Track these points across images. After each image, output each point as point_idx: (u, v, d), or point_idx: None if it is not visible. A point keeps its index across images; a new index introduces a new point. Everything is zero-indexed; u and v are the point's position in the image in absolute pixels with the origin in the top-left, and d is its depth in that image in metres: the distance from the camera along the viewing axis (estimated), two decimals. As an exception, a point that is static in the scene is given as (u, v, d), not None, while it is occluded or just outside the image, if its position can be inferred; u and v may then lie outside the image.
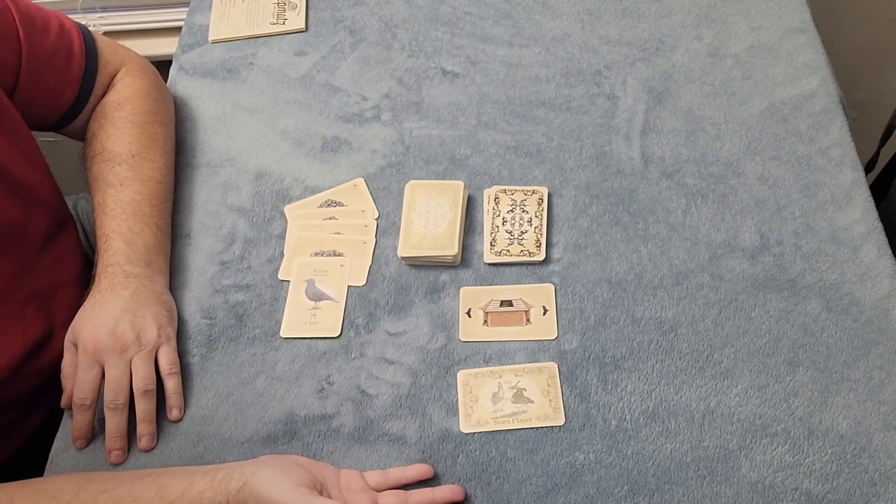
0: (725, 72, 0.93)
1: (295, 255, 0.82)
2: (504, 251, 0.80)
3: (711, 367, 0.73)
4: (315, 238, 0.83)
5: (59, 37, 0.81)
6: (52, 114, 0.82)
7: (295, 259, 0.82)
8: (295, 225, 0.84)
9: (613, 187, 0.85)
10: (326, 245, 0.82)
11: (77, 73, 0.82)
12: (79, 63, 0.82)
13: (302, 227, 0.84)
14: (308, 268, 0.81)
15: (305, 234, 0.83)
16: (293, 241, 0.83)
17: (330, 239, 0.83)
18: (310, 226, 0.84)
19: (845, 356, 0.73)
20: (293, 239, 0.83)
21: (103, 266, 0.76)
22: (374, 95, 0.94)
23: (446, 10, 1.02)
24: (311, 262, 0.81)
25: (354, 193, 0.86)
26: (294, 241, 0.83)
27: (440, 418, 0.72)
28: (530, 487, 0.68)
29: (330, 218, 0.84)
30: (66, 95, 0.82)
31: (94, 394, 0.71)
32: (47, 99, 0.81)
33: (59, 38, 0.80)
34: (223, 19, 1.03)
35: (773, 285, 0.77)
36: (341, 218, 0.84)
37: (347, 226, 0.84)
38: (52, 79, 0.80)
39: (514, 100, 0.93)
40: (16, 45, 0.76)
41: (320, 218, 0.85)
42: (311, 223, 0.84)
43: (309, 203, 0.86)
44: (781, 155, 0.86)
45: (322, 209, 0.85)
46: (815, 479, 0.67)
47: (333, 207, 0.85)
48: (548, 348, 0.75)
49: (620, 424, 0.71)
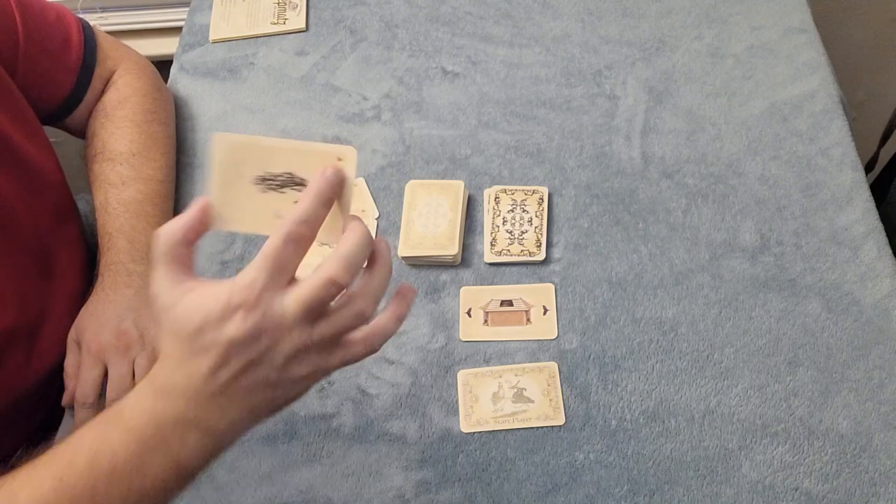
0: (726, 72, 0.93)
1: (295, 255, 0.82)
2: (504, 251, 0.80)
3: (711, 367, 0.73)
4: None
5: (57, 23, 0.81)
6: (50, 101, 0.82)
7: (295, 259, 0.81)
8: (295, 225, 0.84)
9: (614, 187, 0.85)
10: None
11: (75, 62, 0.82)
12: (77, 52, 0.82)
13: (302, 226, 0.84)
14: (308, 268, 0.81)
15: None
16: (293, 240, 0.83)
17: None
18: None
19: (845, 356, 0.73)
20: (293, 239, 0.83)
21: (106, 264, 0.76)
22: (374, 95, 0.94)
23: (447, 9, 1.02)
24: (311, 262, 0.81)
25: (354, 193, 0.86)
26: (294, 241, 0.83)
27: (440, 418, 0.72)
28: (530, 487, 0.68)
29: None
30: (63, 83, 0.82)
31: (96, 392, 0.71)
32: (45, 86, 0.80)
33: (56, 25, 0.81)
34: (224, 19, 1.03)
35: (774, 285, 0.77)
36: (342, 218, 0.84)
37: (348, 225, 0.84)
38: (48, 65, 0.80)
39: (514, 100, 0.93)
40: (13, 30, 0.76)
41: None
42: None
43: (309, 203, 0.86)
44: (782, 155, 0.86)
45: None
46: (815, 479, 0.67)
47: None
48: (548, 348, 0.75)
49: (620, 424, 0.71)
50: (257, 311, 0.44)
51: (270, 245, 0.45)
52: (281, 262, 0.45)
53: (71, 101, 0.83)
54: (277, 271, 0.45)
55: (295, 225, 0.45)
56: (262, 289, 0.44)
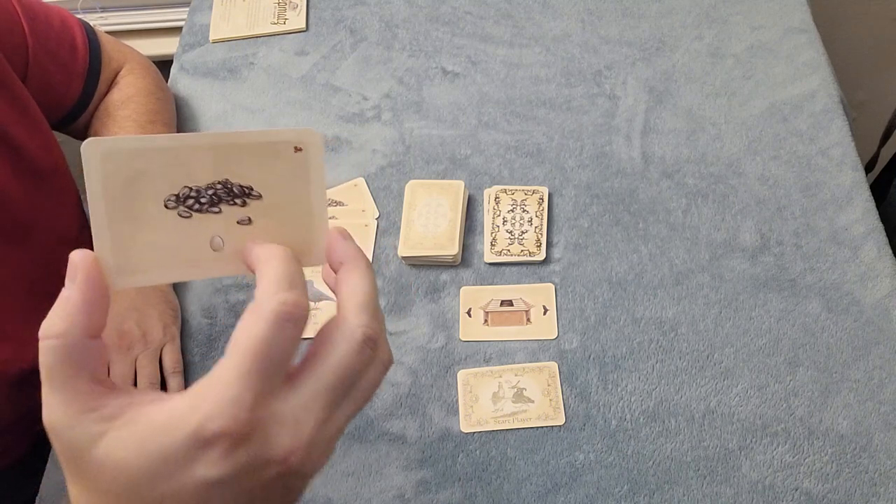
0: (726, 72, 0.93)
1: (295, 255, 0.82)
2: (504, 251, 0.80)
3: (711, 367, 0.73)
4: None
5: (62, 31, 0.80)
6: (58, 110, 0.82)
7: (295, 259, 0.81)
8: (295, 224, 0.84)
9: (614, 187, 0.85)
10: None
11: (82, 68, 0.82)
12: (83, 58, 0.82)
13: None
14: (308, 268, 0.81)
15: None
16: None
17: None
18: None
19: (845, 356, 0.73)
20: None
21: None
22: (374, 95, 0.94)
23: (447, 9, 1.02)
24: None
25: (355, 193, 0.86)
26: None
27: (440, 418, 0.72)
28: (530, 487, 0.68)
29: (330, 217, 0.84)
30: (71, 91, 0.82)
31: None
32: (54, 94, 0.81)
33: (62, 33, 0.80)
34: (224, 19, 1.03)
35: (774, 285, 0.77)
36: (341, 217, 0.84)
37: (347, 225, 0.84)
38: (58, 73, 0.80)
39: (514, 99, 0.93)
40: (22, 40, 0.76)
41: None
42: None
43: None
44: (782, 155, 0.86)
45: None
46: (815, 479, 0.67)
47: (334, 207, 0.85)
48: (548, 348, 0.75)
49: (620, 424, 0.71)
50: (252, 441, 0.30)
51: (252, 334, 0.30)
52: (275, 359, 0.31)
53: (78, 108, 0.84)
54: (271, 371, 0.31)
55: (281, 294, 0.32)
56: (254, 408, 0.30)
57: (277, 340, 0.31)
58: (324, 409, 0.32)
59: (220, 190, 0.34)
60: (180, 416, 0.30)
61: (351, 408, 0.34)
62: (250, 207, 0.35)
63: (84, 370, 0.31)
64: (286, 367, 0.32)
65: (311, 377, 0.32)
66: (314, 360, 0.33)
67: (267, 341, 0.30)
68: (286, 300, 0.31)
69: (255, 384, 0.30)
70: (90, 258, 0.32)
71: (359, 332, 0.33)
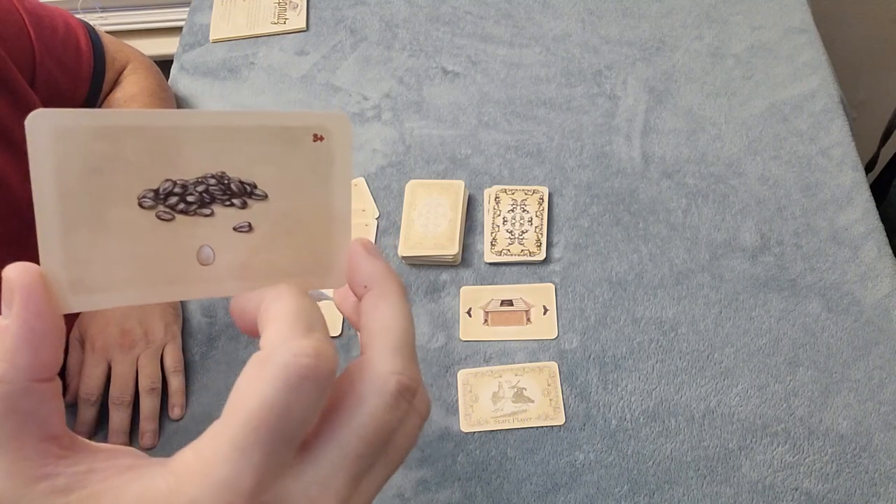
0: (726, 72, 0.93)
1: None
2: (504, 251, 0.80)
3: (712, 367, 0.73)
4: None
5: (67, 35, 0.81)
6: None
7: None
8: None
9: (614, 187, 0.85)
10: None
11: (87, 71, 0.82)
12: (87, 61, 0.82)
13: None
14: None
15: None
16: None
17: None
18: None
19: (845, 356, 0.73)
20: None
21: None
22: (374, 95, 0.94)
23: (447, 9, 1.02)
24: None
25: (355, 193, 0.86)
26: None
27: (440, 417, 0.72)
28: (530, 487, 0.68)
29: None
30: (77, 94, 0.82)
31: (100, 390, 0.71)
32: (61, 98, 0.81)
33: (66, 37, 0.80)
34: (224, 19, 1.03)
35: (774, 285, 0.77)
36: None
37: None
38: (64, 78, 0.80)
39: (514, 99, 0.93)
40: (28, 45, 0.76)
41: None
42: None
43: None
44: (782, 155, 0.86)
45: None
46: (815, 479, 0.67)
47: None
48: (548, 348, 0.75)
49: (620, 424, 0.71)
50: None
51: (258, 396, 0.23)
52: (288, 429, 0.23)
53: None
54: (282, 445, 0.23)
55: (296, 344, 0.24)
56: (255, 489, 0.23)
57: (291, 405, 0.23)
58: (348, 483, 0.25)
59: (214, 186, 0.26)
60: (151, 494, 0.23)
61: (382, 473, 0.27)
62: (251, 210, 0.27)
63: (30, 425, 0.24)
64: (302, 437, 0.24)
65: (332, 443, 0.25)
66: (335, 420, 0.25)
67: (277, 406, 0.23)
68: (304, 350, 0.24)
69: (259, 461, 0.23)
70: (32, 274, 0.24)
71: (392, 381, 0.26)
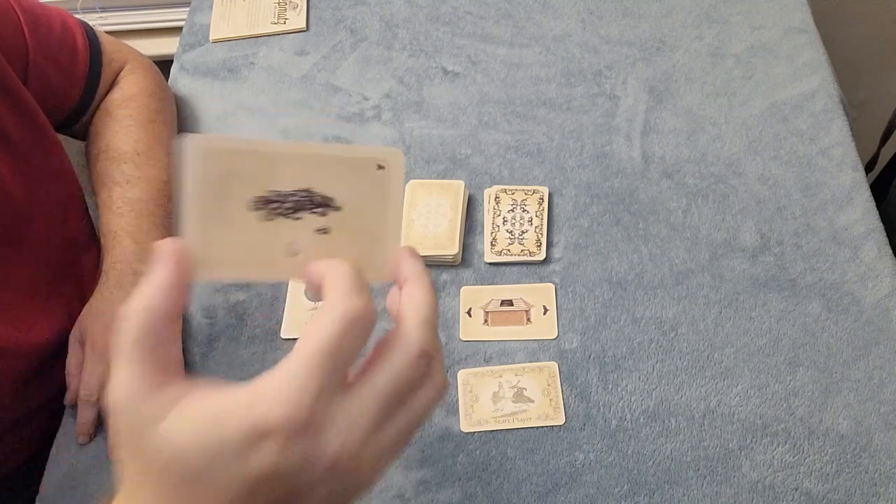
0: (726, 72, 0.93)
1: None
2: (504, 251, 0.80)
3: (712, 367, 0.73)
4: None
5: (63, 34, 0.80)
6: (59, 112, 0.82)
7: (295, 258, 0.81)
8: (295, 224, 0.84)
9: (614, 187, 0.85)
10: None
11: (82, 72, 0.82)
12: (84, 61, 0.82)
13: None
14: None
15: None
16: (294, 240, 0.83)
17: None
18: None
19: (846, 356, 0.73)
20: (294, 238, 0.83)
21: (111, 263, 0.76)
22: (374, 95, 0.94)
23: (447, 9, 1.02)
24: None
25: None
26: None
27: (440, 417, 0.72)
28: (530, 487, 0.68)
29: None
30: (72, 94, 0.82)
31: (100, 390, 0.71)
32: (54, 97, 0.81)
33: (62, 36, 0.80)
34: (224, 19, 1.03)
35: (774, 285, 0.77)
36: (342, 217, 0.85)
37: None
38: (58, 77, 0.80)
39: (514, 99, 0.93)
40: (22, 43, 0.76)
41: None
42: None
43: (309, 202, 0.86)
44: (782, 155, 0.86)
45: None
46: (815, 479, 0.67)
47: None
48: (548, 348, 0.75)
49: (620, 424, 0.71)
50: (308, 436, 0.30)
51: (322, 333, 0.31)
52: (341, 359, 0.32)
53: (78, 110, 0.84)
54: (334, 370, 0.31)
55: (351, 299, 0.32)
56: (315, 402, 0.30)
57: (345, 341, 0.31)
58: (375, 417, 0.32)
59: (303, 198, 0.35)
60: (240, 407, 0.30)
61: (401, 423, 0.34)
62: (329, 218, 0.36)
63: (160, 347, 0.32)
64: (347, 369, 0.32)
65: (367, 384, 0.33)
66: (370, 368, 0.33)
67: (335, 340, 0.31)
68: (357, 304, 0.32)
69: (320, 380, 0.30)
70: (180, 246, 0.33)
71: (416, 346, 0.34)
